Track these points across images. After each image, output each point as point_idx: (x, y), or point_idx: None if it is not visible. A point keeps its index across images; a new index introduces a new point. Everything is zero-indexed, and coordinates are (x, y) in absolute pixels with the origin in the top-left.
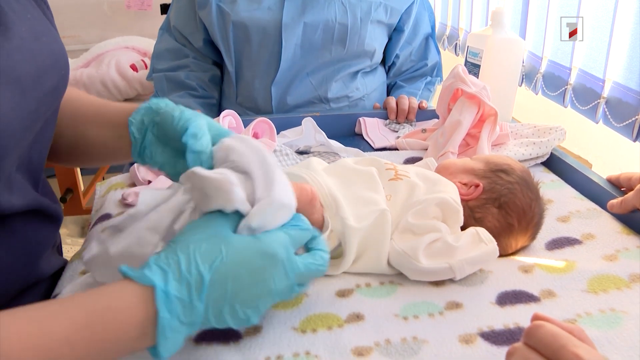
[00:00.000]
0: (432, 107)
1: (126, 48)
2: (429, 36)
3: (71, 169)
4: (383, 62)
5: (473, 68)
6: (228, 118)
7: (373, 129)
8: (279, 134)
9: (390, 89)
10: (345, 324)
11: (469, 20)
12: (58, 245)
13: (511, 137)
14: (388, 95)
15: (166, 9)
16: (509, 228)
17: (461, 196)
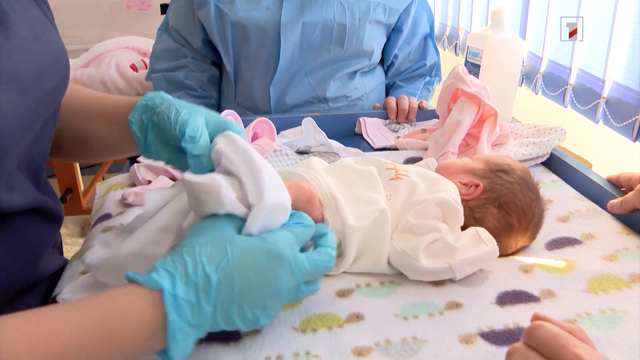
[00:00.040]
0: (432, 107)
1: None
2: (428, 36)
3: (71, 169)
4: (382, 62)
5: (473, 68)
6: (228, 118)
7: (373, 129)
8: (279, 134)
9: (389, 89)
10: (345, 324)
11: (469, 20)
12: (58, 245)
13: (511, 137)
14: (387, 95)
15: (166, 9)
16: (509, 228)
17: (461, 196)
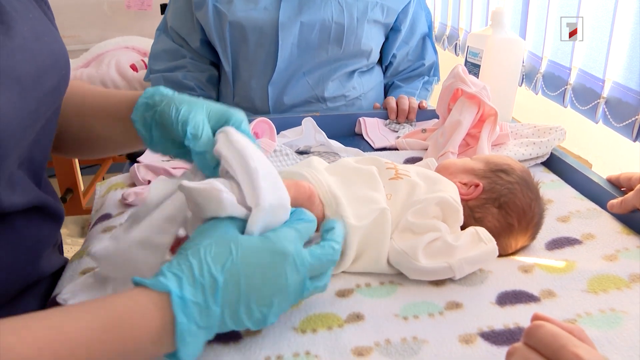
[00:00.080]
0: (432, 107)
1: (126, 48)
2: (426, 36)
3: (71, 169)
4: (380, 62)
5: (473, 68)
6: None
7: (373, 129)
8: (279, 134)
9: (387, 89)
10: (345, 324)
11: (469, 20)
12: (59, 244)
13: (511, 137)
14: (385, 94)
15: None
16: (509, 228)
17: (461, 196)
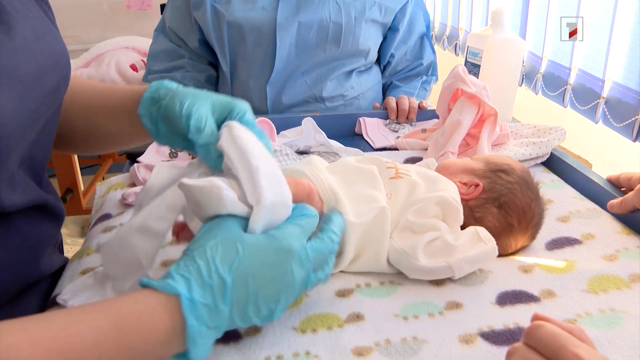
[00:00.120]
0: (432, 107)
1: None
2: (424, 35)
3: (71, 169)
4: (378, 61)
5: (473, 68)
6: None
7: (373, 129)
8: (279, 134)
9: (386, 89)
10: (345, 324)
11: (469, 20)
12: (59, 243)
13: (511, 137)
14: (383, 94)
15: None
16: (509, 228)
17: (461, 196)
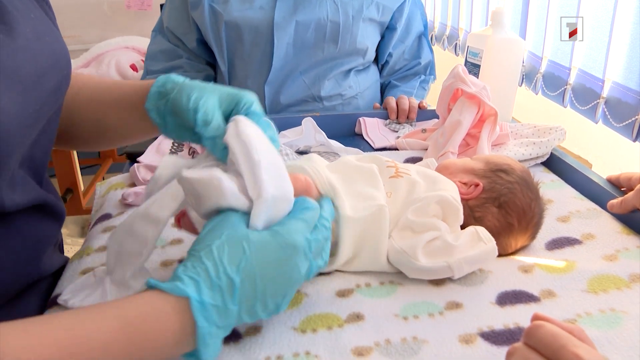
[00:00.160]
0: (432, 107)
1: (126, 48)
2: (422, 34)
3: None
4: (376, 61)
5: (473, 68)
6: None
7: (373, 129)
8: (279, 134)
9: (384, 88)
10: (345, 324)
11: (469, 20)
12: (60, 243)
13: (511, 137)
14: (381, 93)
15: None
16: (509, 228)
17: (461, 195)
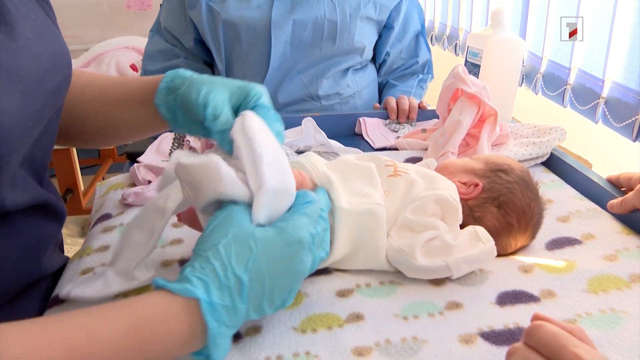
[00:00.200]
0: (432, 107)
1: (126, 48)
2: (419, 33)
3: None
4: (373, 60)
5: (473, 68)
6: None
7: (373, 129)
8: None
9: (382, 88)
10: (345, 324)
11: (469, 20)
12: (60, 242)
13: (511, 137)
14: (379, 93)
15: None
16: (509, 227)
17: (461, 195)
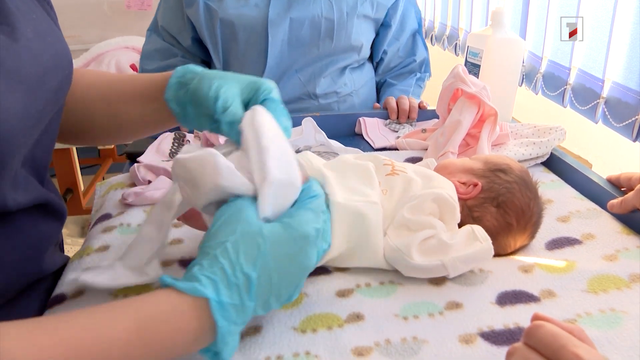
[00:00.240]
0: (432, 107)
1: (126, 48)
2: (416, 32)
3: (71, 169)
4: (371, 59)
5: (473, 68)
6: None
7: (373, 129)
8: None
9: (379, 87)
10: (345, 324)
11: (469, 20)
12: (60, 242)
13: (511, 137)
14: (377, 92)
15: None
16: (508, 227)
17: (460, 195)
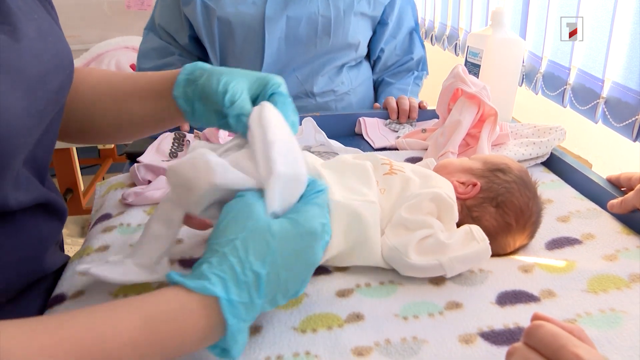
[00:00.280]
0: (432, 107)
1: (126, 48)
2: (413, 30)
3: (71, 169)
4: (368, 57)
5: (473, 68)
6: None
7: (373, 129)
8: None
9: (377, 85)
10: (345, 324)
11: (469, 20)
12: (60, 242)
13: (511, 137)
14: (375, 90)
15: None
16: (507, 227)
17: (459, 195)
